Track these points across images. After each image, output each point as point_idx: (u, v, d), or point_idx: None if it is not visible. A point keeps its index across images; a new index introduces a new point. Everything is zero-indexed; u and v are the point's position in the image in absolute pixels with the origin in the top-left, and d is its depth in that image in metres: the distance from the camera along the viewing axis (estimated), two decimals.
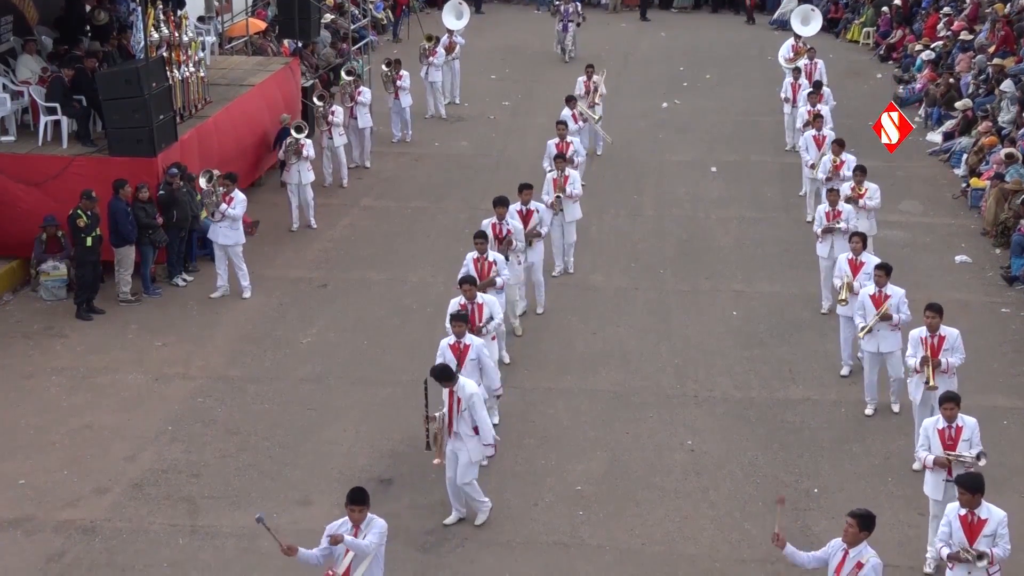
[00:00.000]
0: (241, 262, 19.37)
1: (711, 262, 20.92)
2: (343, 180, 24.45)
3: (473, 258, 16.34)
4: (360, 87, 25.32)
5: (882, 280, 15.46)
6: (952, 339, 14.16)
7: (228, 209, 19.14)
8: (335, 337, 18.14)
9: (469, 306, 15.03)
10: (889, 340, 15.47)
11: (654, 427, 15.69)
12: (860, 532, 10.49)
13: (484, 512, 13.56)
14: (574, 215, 19.83)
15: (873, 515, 10.63)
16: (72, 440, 15.31)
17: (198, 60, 22.38)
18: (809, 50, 27.42)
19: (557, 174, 19.51)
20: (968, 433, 12.41)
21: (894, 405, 15.84)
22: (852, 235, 16.90)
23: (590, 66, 26.28)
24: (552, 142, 21.31)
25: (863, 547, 10.50)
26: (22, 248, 19.54)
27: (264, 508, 13.74)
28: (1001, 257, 20.82)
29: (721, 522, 13.69)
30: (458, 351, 14.07)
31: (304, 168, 21.87)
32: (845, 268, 16.55)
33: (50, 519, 13.65)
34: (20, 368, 17.14)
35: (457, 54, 30.15)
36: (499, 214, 17.31)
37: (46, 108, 20.35)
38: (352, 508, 10.90)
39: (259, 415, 15.94)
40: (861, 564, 10.39)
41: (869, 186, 19.10)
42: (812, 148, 21.85)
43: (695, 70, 34.37)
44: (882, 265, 15.64)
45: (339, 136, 24.17)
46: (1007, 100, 25.32)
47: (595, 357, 17.54)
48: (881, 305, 15.32)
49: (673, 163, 26.22)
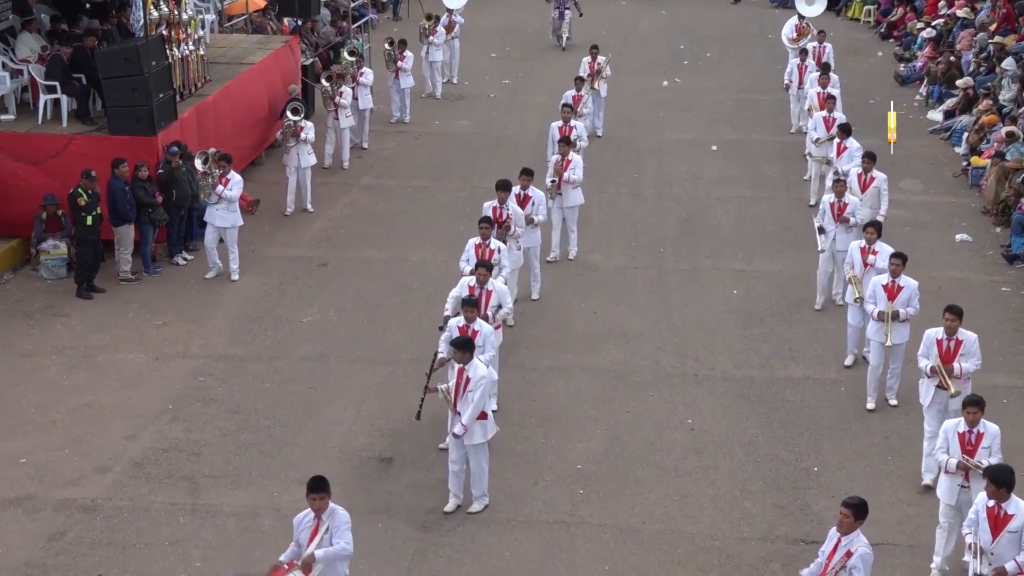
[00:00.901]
0: (234, 244, 19.20)
1: (711, 241, 20.91)
2: (344, 161, 24.34)
3: (475, 244, 16.11)
4: (363, 68, 25.25)
5: (898, 270, 15.02)
6: (969, 343, 13.63)
7: (225, 191, 19.04)
8: (335, 316, 18.15)
9: (479, 290, 14.91)
10: (898, 331, 15.08)
11: (654, 406, 15.70)
12: (855, 521, 10.46)
13: (480, 502, 13.45)
14: (575, 200, 19.57)
15: (866, 503, 10.60)
16: (73, 419, 15.32)
17: (198, 38, 22.31)
18: (820, 32, 27.18)
19: (559, 158, 19.31)
20: (989, 440, 12.03)
21: (891, 399, 15.54)
22: (867, 225, 16.37)
23: (594, 47, 26.04)
24: (555, 125, 21.07)
25: (856, 535, 10.46)
26: (22, 227, 19.53)
27: (264, 487, 13.82)
28: (1001, 236, 20.81)
29: (721, 501, 13.72)
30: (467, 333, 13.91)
31: (304, 151, 21.65)
32: (856, 257, 16.10)
33: (51, 498, 13.67)
34: (21, 347, 17.14)
35: (457, 33, 30.16)
36: (500, 198, 17.12)
37: (45, 87, 20.31)
38: (312, 496, 10.74)
39: (259, 394, 15.95)
40: (851, 552, 10.35)
41: (878, 175, 18.60)
42: (821, 128, 21.63)
43: (695, 48, 34.32)
44: (899, 254, 15.20)
45: (346, 118, 24.02)
46: (1008, 78, 25.26)
47: (595, 336, 17.54)
48: (895, 296, 14.96)
49: (673, 142, 26.19)
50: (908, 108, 27.97)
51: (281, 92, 24.20)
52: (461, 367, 13.00)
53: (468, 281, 15.06)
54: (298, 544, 10.84)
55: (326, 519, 10.77)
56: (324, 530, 10.75)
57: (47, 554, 12.72)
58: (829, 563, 10.48)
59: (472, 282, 14.97)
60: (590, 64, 25.53)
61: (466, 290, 14.85)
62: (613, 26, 36.53)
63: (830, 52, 26.29)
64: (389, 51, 26.93)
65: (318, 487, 10.77)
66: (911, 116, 26.16)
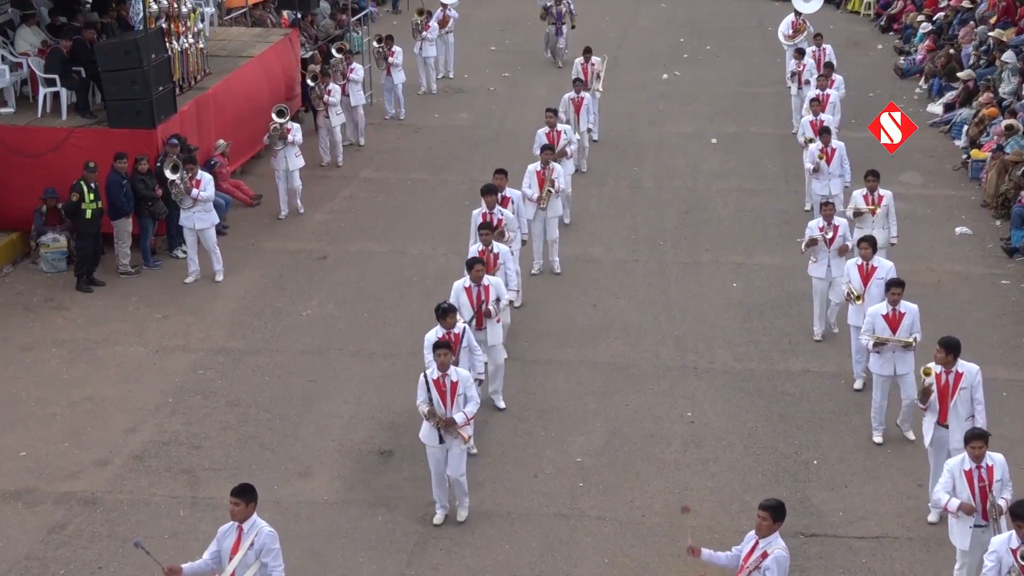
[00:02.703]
0: (215, 245, 18.88)
1: (711, 234, 20.91)
2: (338, 159, 24.06)
3: (479, 250, 15.70)
4: (352, 64, 24.85)
5: (897, 298, 14.19)
6: (971, 377, 12.69)
7: (199, 192, 18.58)
8: (335, 309, 18.15)
9: (476, 289, 14.71)
10: (904, 361, 14.27)
11: (654, 399, 15.71)
12: (774, 524, 10.34)
13: (466, 508, 13.22)
14: (556, 210, 18.73)
15: (783, 505, 10.44)
16: (73, 412, 15.34)
17: (197, 31, 22.31)
18: (817, 36, 25.96)
19: (540, 167, 18.45)
20: (1000, 472, 11.25)
21: (907, 432, 14.58)
22: (860, 240, 15.58)
23: (588, 49, 25.06)
24: (542, 131, 20.13)
25: (774, 538, 10.36)
26: (22, 220, 19.53)
27: (264, 480, 13.81)
28: (1001, 229, 20.81)
29: (721, 493, 13.73)
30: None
31: (291, 154, 21.10)
32: (855, 277, 15.35)
33: (51, 491, 13.69)
34: (21, 340, 17.15)
35: (451, 28, 29.80)
36: (488, 202, 16.62)
37: (45, 80, 20.30)
38: (233, 500, 10.31)
39: (259, 387, 15.96)
40: (766, 554, 10.27)
41: (885, 193, 17.50)
42: (810, 133, 20.71)
43: (695, 41, 34.28)
44: (897, 282, 14.38)
45: (336, 116, 23.68)
46: (1008, 71, 25.25)
47: (595, 329, 17.54)
48: (897, 325, 14.16)
49: (673, 135, 26.17)
50: (908, 101, 27.93)
51: (281, 85, 24.17)
52: (438, 380, 12.72)
53: (438, 333, 14.00)
54: (218, 554, 10.39)
55: (249, 532, 10.30)
56: (248, 545, 10.27)
57: (47, 547, 12.74)
58: (745, 564, 10.42)
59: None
60: (583, 67, 24.63)
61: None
62: (613, 19, 36.49)
63: (831, 53, 25.53)
64: (378, 48, 26.59)
65: (239, 491, 10.35)
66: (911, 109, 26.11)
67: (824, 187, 19.52)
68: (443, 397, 12.74)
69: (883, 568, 12.50)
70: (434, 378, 12.78)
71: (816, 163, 19.58)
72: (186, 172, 18.63)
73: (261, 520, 10.45)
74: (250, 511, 10.35)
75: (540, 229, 18.79)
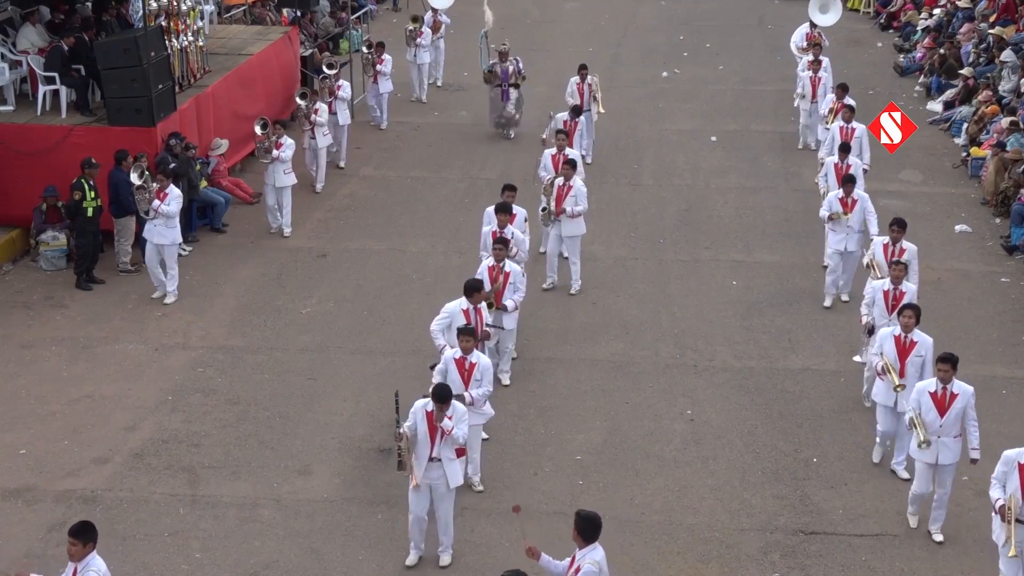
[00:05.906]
0: (174, 263, 18.16)
1: (711, 231, 20.91)
2: (320, 183, 22.55)
3: (488, 266, 15.29)
4: (340, 81, 23.50)
5: (911, 324, 13.37)
6: (966, 397, 12.35)
7: (162, 206, 17.85)
8: (335, 307, 18.15)
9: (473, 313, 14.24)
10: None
11: (654, 397, 15.71)
12: (585, 542, 10.23)
13: (450, 552, 12.52)
14: (575, 230, 17.96)
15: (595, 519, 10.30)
16: (72, 410, 15.34)
17: (197, 29, 22.29)
18: (814, 47, 24.93)
19: (563, 180, 17.69)
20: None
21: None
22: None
23: (583, 67, 23.66)
24: (549, 152, 19.05)
25: (588, 550, 10.24)
26: (21, 218, 19.53)
27: (264, 477, 13.83)
28: (1001, 226, 20.81)
29: (720, 491, 13.73)
30: (464, 367, 13.01)
31: (280, 170, 20.17)
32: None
33: (51, 489, 13.69)
34: (20, 338, 17.15)
35: (442, 33, 29.19)
36: (500, 221, 15.99)
37: (44, 78, 20.29)
38: (71, 541, 9.85)
39: (259, 385, 15.96)
40: (579, 568, 10.20)
41: (908, 247, 15.76)
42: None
43: (695, 39, 34.27)
44: (913, 307, 13.54)
45: (323, 136, 22.30)
46: (1008, 69, 25.25)
47: (595, 327, 17.54)
48: (907, 353, 13.32)
49: (673, 132, 26.17)
50: (908, 99, 27.93)
51: (280, 83, 24.13)
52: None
53: (462, 305, 14.21)
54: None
55: (81, 571, 9.84)
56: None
57: (47, 545, 12.73)
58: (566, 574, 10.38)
59: (466, 306, 14.16)
60: (579, 86, 23.20)
61: (462, 318, 13.99)
62: (612, 16, 36.48)
63: (827, 65, 24.27)
64: (367, 55, 25.94)
65: (77, 531, 9.90)
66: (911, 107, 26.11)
67: (841, 241, 17.57)
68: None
69: (883, 566, 12.50)
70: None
71: (835, 213, 17.51)
72: (156, 182, 18.08)
73: (97, 560, 9.98)
74: (87, 551, 9.92)
75: (555, 246, 18.24)
